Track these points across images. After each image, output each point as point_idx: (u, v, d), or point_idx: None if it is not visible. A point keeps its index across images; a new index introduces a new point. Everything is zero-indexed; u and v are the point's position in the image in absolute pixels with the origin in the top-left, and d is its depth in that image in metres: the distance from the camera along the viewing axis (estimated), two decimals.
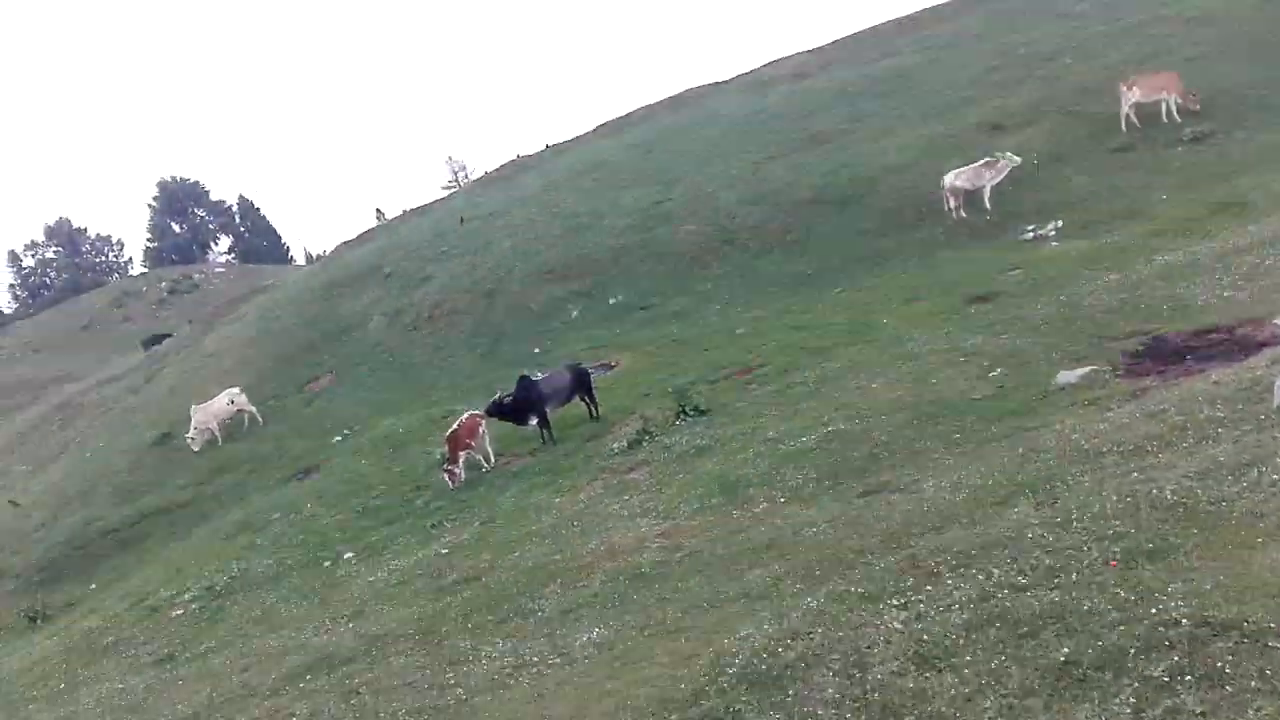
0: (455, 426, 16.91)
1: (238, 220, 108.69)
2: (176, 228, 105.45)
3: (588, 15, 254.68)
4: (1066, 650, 5.53)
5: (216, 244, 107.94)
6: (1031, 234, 19.75)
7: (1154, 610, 5.57)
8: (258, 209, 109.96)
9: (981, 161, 21.87)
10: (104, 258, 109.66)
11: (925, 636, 6.21)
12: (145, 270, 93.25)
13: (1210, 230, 15.87)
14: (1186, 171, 19.90)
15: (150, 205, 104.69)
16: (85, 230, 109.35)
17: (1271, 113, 20.98)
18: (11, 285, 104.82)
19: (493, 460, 17.20)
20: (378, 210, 71.17)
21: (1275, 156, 18.79)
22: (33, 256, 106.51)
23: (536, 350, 23.48)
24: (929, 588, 6.91)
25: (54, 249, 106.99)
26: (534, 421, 17.17)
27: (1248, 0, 26.41)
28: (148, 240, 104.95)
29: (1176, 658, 5.16)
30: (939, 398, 12.12)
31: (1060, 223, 19.63)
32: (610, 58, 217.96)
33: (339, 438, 22.71)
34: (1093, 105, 24.02)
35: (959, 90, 28.27)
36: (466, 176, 78.47)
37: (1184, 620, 5.39)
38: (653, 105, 44.20)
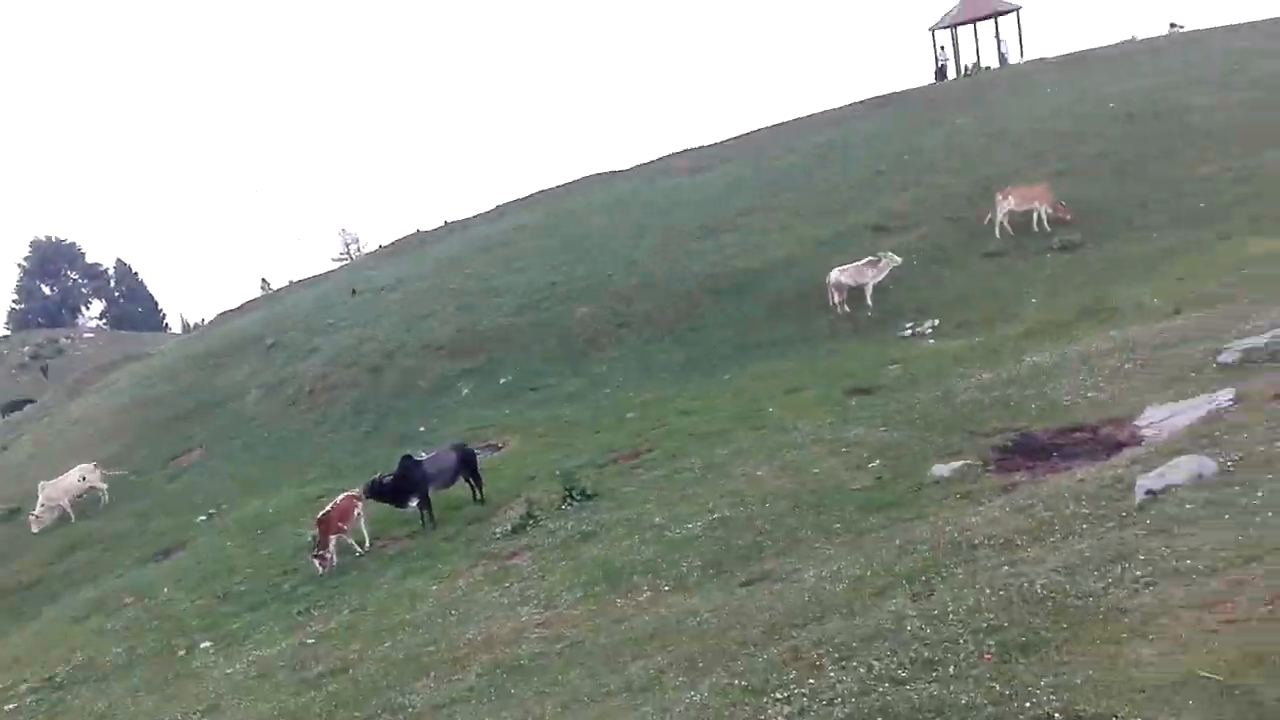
0: (328, 508, 16.30)
1: (113, 284, 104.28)
2: (46, 290, 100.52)
3: (489, 97, 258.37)
4: None
5: (88, 308, 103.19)
6: (910, 331, 20.48)
7: (1028, 704, 5.61)
8: (135, 273, 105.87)
9: (865, 260, 22.69)
10: None
11: None
12: (8, 333, 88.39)
13: (1076, 334, 16.70)
14: (1055, 278, 21.01)
15: (20, 265, 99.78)
16: None
17: (1132, 225, 22.46)
18: None
19: (368, 543, 16.58)
20: (263, 280, 69.58)
21: (1137, 267, 20.02)
22: None
23: (423, 428, 22.98)
24: (811, 680, 6.84)
25: None
26: (415, 503, 16.67)
27: (1114, 121, 28.48)
28: (13, 302, 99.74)
29: None
30: (820, 487, 12.27)
31: (937, 321, 20.43)
32: (511, 141, 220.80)
33: (204, 516, 21.61)
34: (970, 211, 25.31)
35: (846, 191, 29.45)
36: (359, 249, 77.44)
37: (1056, 714, 5.43)
38: (552, 189, 44.71)
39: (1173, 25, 45.91)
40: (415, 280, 33.30)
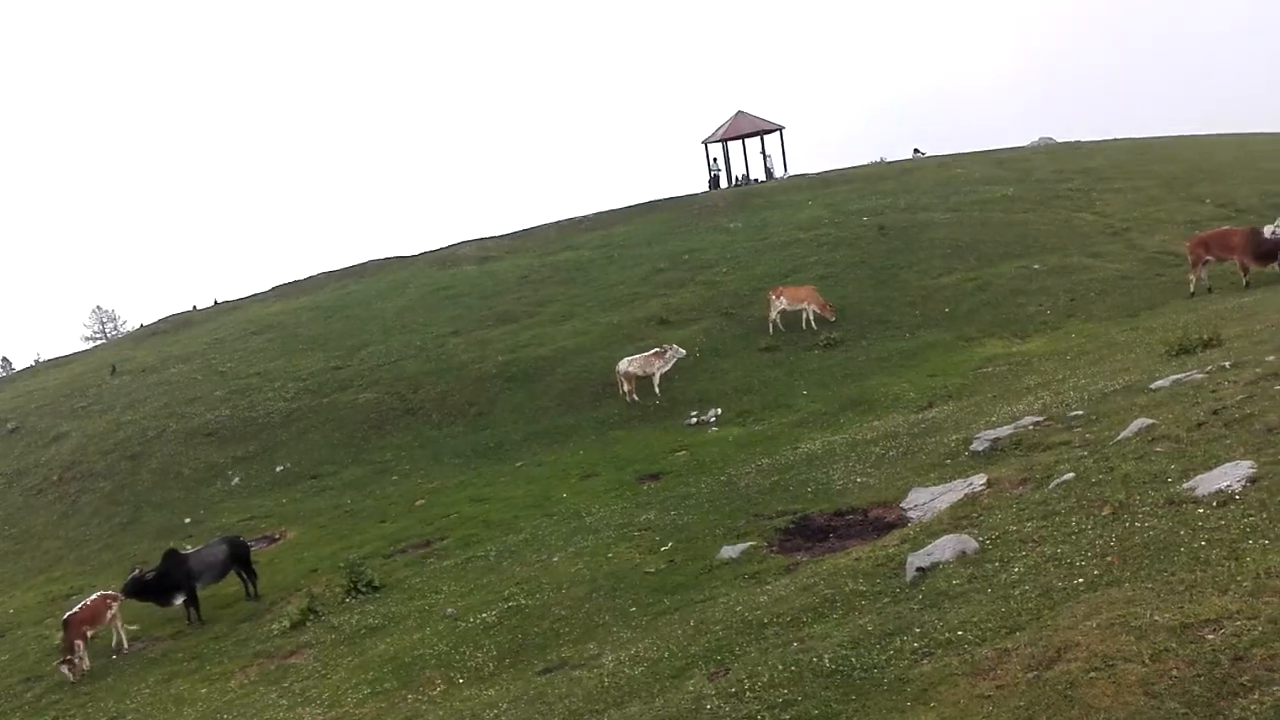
0: (77, 608, 14.94)
1: None
2: None
3: (265, 176, 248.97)
4: None
5: None
6: (695, 419, 21.35)
7: None
8: None
9: (652, 351, 23.55)
10: None
11: None
12: None
13: (842, 423, 18.03)
14: (822, 372, 22.62)
15: None
16: None
17: (887, 326, 24.60)
18: None
19: (126, 645, 15.19)
20: (3, 359, 63.03)
21: (891, 363, 21.94)
22: None
23: (188, 520, 21.44)
24: None
25: None
26: (180, 600, 15.53)
27: (868, 232, 31.25)
28: None
29: None
30: (615, 571, 12.48)
31: (719, 410, 21.42)
32: (289, 221, 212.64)
33: None
34: (743, 308, 26.87)
35: (631, 286, 30.53)
36: (116, 329, 71.69)
37: None
38: (334, 271, 43.50)
39: (916, 151, 51.45)
40: (181, 363, 31.30)
